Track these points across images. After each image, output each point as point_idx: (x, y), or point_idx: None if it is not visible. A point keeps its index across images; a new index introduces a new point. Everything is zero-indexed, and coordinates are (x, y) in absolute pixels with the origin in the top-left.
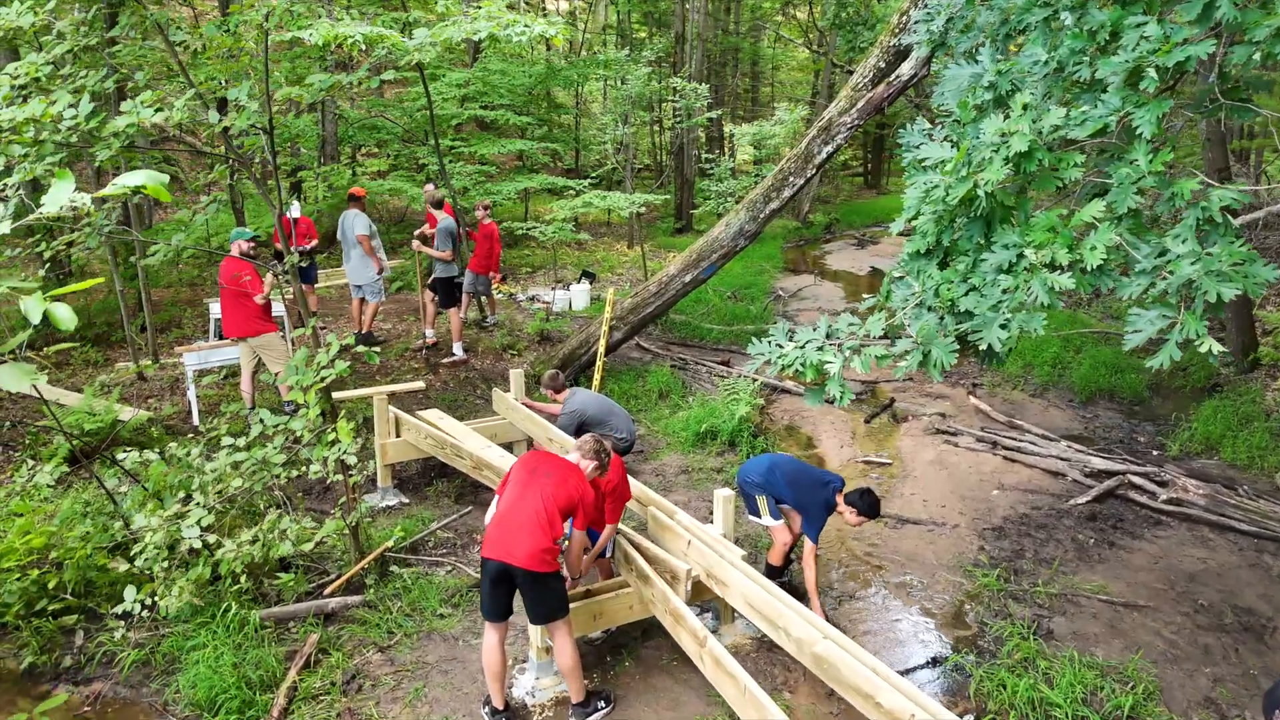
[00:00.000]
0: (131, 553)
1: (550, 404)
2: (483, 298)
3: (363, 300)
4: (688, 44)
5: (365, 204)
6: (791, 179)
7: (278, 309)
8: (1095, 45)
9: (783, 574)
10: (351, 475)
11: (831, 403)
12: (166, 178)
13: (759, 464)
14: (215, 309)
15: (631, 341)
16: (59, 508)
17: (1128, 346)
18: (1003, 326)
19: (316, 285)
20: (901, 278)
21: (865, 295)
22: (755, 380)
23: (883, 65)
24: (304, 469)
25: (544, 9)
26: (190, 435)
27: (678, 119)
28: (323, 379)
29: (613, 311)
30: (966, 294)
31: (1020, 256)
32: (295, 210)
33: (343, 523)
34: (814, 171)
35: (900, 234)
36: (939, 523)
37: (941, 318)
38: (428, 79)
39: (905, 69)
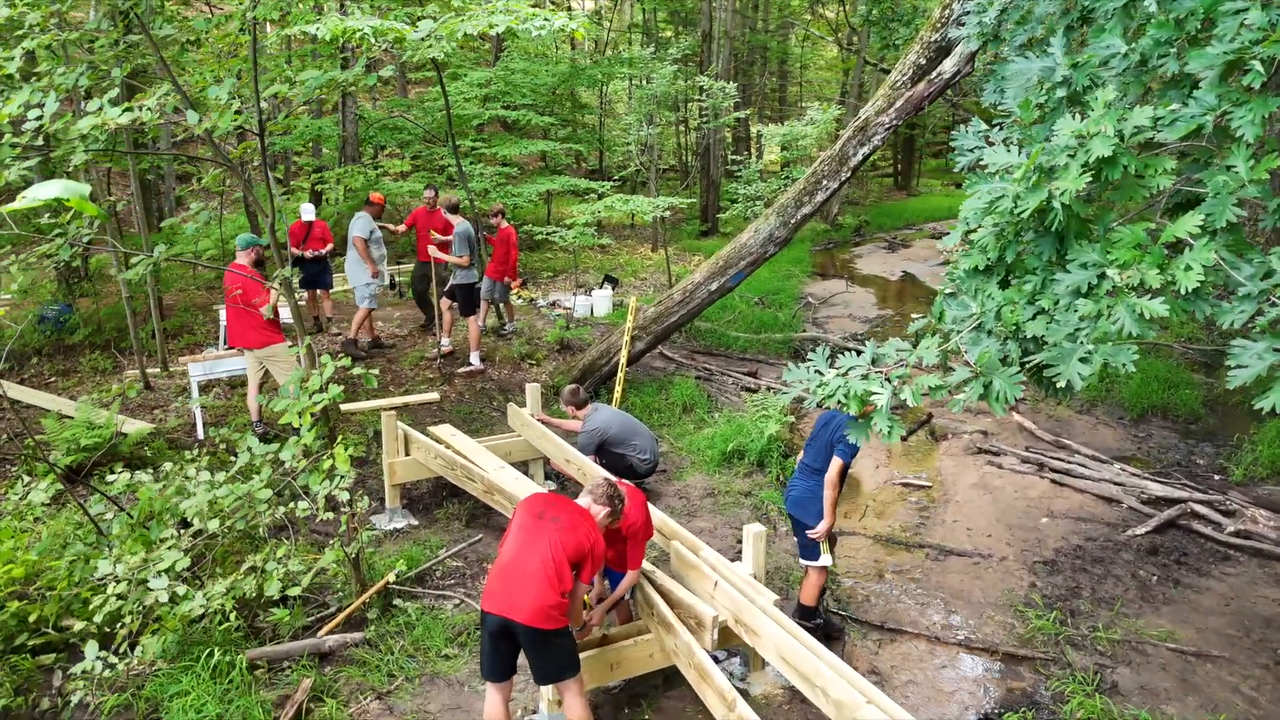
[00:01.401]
0: (90, 607)
1: (570, 420)
2: (500, 304)
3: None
4: (714, 42)
5: (382, 210)
6: (825, 182)
7: (285, 315)
8: (1184, 35)
9: (817, 614)
10: (344, 512)
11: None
12: (87, 188)
13: (804, 484)
14: (225, 315)
15: (654, 351)
16: (50, 529)
17: (1232, 384)
18: (1083, 360)
19: (332, 290)
20: (954, 294)
21: (914, 316)
22: (785, 394)
23: (923, 62)
24: (293, 506)
25: (569, 6)
26: (194, 447)
27: (704, 119)
28: (315, 404)
29: (635, 320)
30: (1034, 318)
31: (1101, 277)
32: (309, 214)
33: (342, 552)
34: (849, 174)
35: (953, 248)
36: (985, 554)
37: (1004, 343)
38: (450, 78)
39: (948, 66)
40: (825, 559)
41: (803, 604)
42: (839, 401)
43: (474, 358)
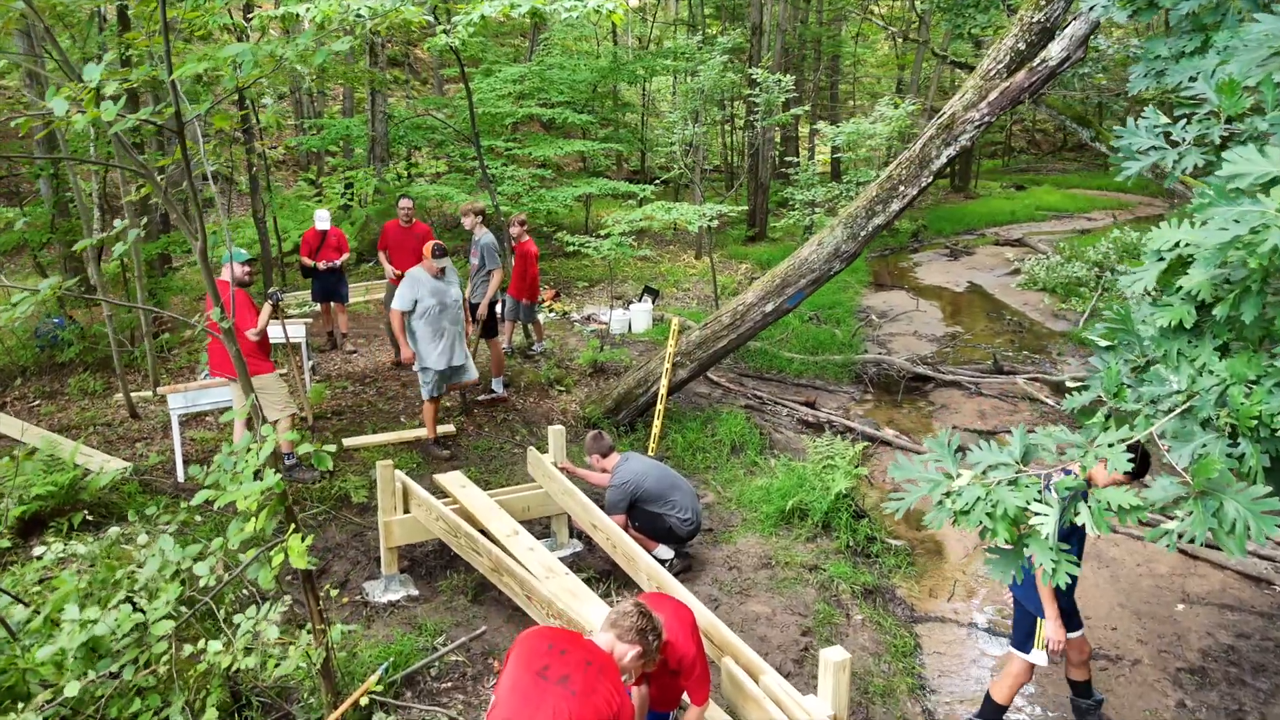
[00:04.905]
0: None
1: (597, 473)
2: (528, 324)
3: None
4: (765, 36)
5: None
6: (903, 188)
7: (275, 335)
8: None
9: (1004, 713)
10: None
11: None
12: None
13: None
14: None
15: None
16: None
17: None
18: None
19: (348, 303)
20: (1112, 348)
21: (1069, 384)
22: (853, 439)
23: (1022, 47)
24: (200, 647)
25: None
26: (171, 492)
27: (754, 116)
28: (255, 493)
29: (677, 344)
30: None
31: None
32: (324, 221)
33: (307, 656)
34: (930, 179)
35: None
36: (1113, 657)
37: (1234, 442)
38: (483, 74)
39: (1054, 50)
40: (1038, 655)
41: (992, 698)
42: (981, 524)
43: (496, 384)
